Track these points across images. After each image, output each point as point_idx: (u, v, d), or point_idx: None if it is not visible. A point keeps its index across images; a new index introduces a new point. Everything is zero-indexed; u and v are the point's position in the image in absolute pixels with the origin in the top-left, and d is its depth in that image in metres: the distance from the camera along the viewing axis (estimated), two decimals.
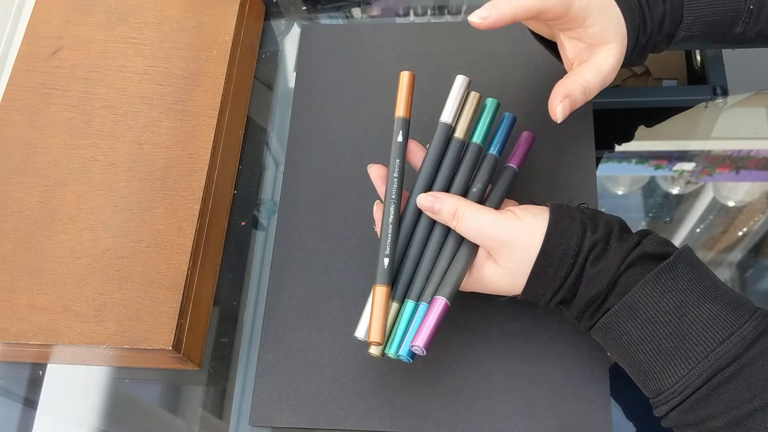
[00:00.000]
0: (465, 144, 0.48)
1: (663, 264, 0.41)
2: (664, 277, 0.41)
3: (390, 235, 0.45)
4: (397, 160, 0.46)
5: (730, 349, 0.39)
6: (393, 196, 0.45)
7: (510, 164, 0.48)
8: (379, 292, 0.44)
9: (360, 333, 0.45)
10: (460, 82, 0.48)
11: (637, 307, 0.41)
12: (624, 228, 0.44)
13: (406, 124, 0.48)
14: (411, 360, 0.44)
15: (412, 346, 0.43)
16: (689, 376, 0.39)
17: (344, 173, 0.58)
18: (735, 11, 0.47)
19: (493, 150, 0.48)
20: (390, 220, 0.45)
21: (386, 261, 0.44)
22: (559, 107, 0.46)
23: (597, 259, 0.42)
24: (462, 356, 0.50)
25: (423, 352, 0.43)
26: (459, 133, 0.47)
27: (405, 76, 0.48)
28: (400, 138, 0.47)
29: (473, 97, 0.48)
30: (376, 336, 0.43)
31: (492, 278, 0.45)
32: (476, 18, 0.44)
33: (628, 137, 0.61)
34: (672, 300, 0.40)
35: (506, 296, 0.46)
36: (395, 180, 0.46)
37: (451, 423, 0.48)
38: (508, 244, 0.43)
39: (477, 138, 0.48)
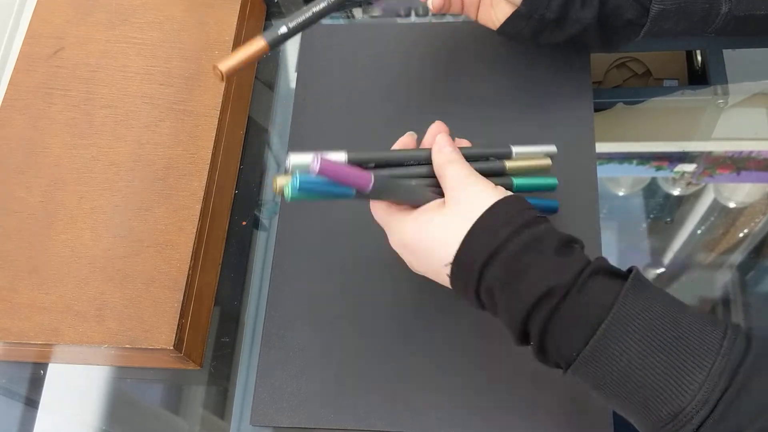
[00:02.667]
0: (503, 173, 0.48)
1: (634, 273, 0.37)
2: (643, 285, 0.37)
3: (304, 17, 0.48)
4: None
5: (740, 342, 0.35)
6: None
7: None
8: (257, 42, 0.46)
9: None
10: (548, 150, 0.49)
11: (631, 318, 0.36)
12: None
13: None
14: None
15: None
16: (710, 378, 0.34)
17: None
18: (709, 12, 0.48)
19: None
20: (315, 9, 0.48)
21: (283, 29, 0.47)
22: None
23: (537, 255, 0.38)
24: (462, 356, 0.50)
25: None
26: (508, 164, 0.48)
27: None
28: None
29: (545, 160, 0.49)
30: (224, 65, 0.45)
31: (437, 222, 0.41)
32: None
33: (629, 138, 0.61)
34: (661, 306, 0.36)
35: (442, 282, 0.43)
36: None
37: (451, 423, 0.48)
38: (465, 188, 0.42)
39: (516, 181, 0.48)
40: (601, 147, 0.57)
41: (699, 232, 0.56)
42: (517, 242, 0.39)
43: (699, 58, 0.62)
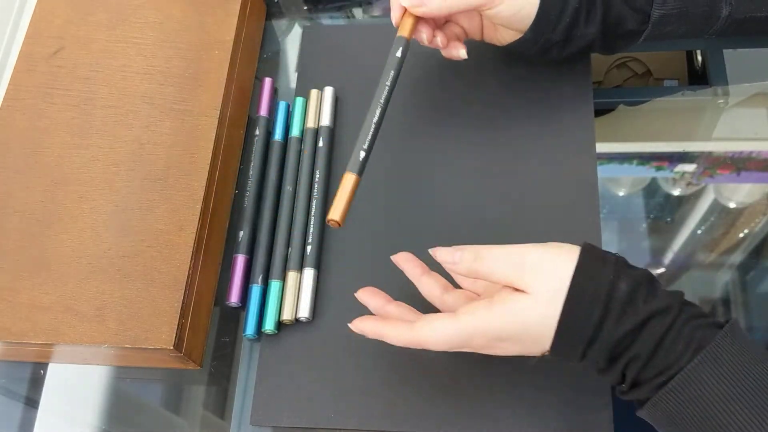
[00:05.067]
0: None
1: (733, 321, 0.38)
2: (740, 332, 0.37)
3: (371, 132, 0.47)
4: (392, 72, 0.49)
5: None
6: (381, 101, 0.48)
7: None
8: (349, 178, 0.46)
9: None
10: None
11: (722, 359, 0.36)
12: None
13: (406, 43, 0.50)
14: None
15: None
16: None
17: None
18: (709, 17, 0.48)
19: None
20: (374, 120, 0.48)
21: (362, 154, 0.47)
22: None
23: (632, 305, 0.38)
24: (462, 356, 0.50)
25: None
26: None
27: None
28: (399, 54, 0.50)
29: None
30: (335, 214, 0.45)
31: (523, 308, 0.39)
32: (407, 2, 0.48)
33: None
34: (753, 354, 0.37)
35: (536, 356, 0.42)
36: (386, 87, 0.49)
37: (451, 423, 0.48)
38: (533, 265, 0.39)
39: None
40: (602, 147, 0.57)
41: (699, 232, 0.56)
42: (613, 316, 0.38)
43: (699, 58, 0.62)
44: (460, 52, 0.52)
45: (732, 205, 0.58)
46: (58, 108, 0.57)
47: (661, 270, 0.55)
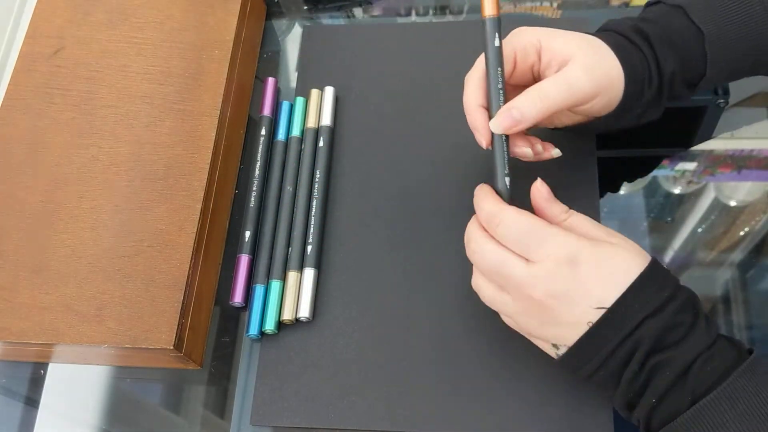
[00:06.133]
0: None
1: (755, 355, 0.38)
2: (762, 368, 0.38)
3: (505, 153, 0.44)
4: (498, 69, 0.43)
5: None
6: (501, 101, 0.43)
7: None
8: None
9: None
10: None
11: (739, 396, 0.37)
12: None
13: (498, 23, 0.43)
14: None
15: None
16: None
17: (346, 172, 0.58)
18: (756, 56, 0.47)
19: None
20: (503, 140, 0.44)
21: (507, 180, 0.44)
22: (496, 118, 0.43)
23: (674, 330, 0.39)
24: (462, 356, 0.50)
25: None
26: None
27: None
28: (497, 42, 0.43)
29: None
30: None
31: (617, 251, 0.40)
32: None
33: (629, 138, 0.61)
34: None
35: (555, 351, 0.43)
36: (500, 92, 0.43)
37: (452, 423, 0.48)
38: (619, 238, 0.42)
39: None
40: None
41: (700, 230, 0.56)
42: (675, 304, 0.39)
43: None
44: (554, 152, 0.48)
45: (733, 203, 0.57)
46: (58, 108, 0.57)
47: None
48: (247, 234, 0.55)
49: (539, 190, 0.44)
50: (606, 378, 0.40)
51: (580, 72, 0.43)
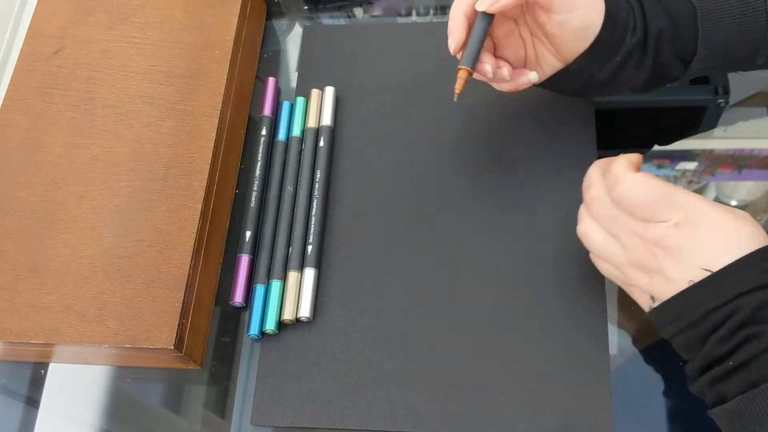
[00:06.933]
0: None
1: None
2: None
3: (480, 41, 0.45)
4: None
5: None
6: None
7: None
8: None
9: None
10: None
11: None
12: None
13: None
14: None
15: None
16: None
17: (346, 172, 0.58)
18: (753, 45, 0.47)
19: None
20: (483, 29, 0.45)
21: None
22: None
23: None
24: (462, 356, 0.50)
25: None
26: None
27: None
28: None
29: None
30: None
31: (739, 226, 0.40)
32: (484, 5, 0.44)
33: (630, 137, 0.60)
34: None
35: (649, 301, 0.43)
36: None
37: (452, 423, 0.48)
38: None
39: None
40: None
41: None
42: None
43: None
44: (531, 75, 0.48)
45: (733, 203, 0.57)
46: (59, 108, 0.57)
47: None
48: (248, 234, 0.55)
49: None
50: (691, 339, 0.41)
51: None
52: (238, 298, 0.53)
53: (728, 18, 0.46)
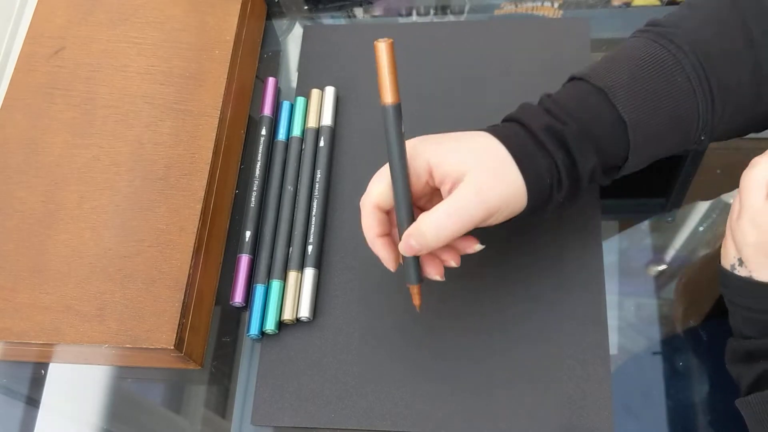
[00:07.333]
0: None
1: None
2: None
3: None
4: (401, 161, 0.42)
5: None
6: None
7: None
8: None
9: None
10: None
11: None
12: None
13: (399, 110, 0.40)
14: None
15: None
16: None
17: (346, 172, 0.58)
18: (684, 145, 0.46)
19: None
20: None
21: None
22: (401, 244, 0.43)
23: None
24: (462, 356, 0.50)
25: None
26: None
27: (383, 49, 0.37)
28: (402, 128, 0.40)
29: None
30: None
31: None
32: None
33: None
34: None
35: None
36: (405, 197, 0.42)
37: (452, 423, 0.48)
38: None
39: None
40: None
41: (701, 229, 0.56)
42: None
43: None
44: (475, 247, 0.45)
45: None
46: (59, 108, 0.57)
47: (663, 267, 0.55)
48: (248, 234, 0.55)
49: None
50: None
51: (471, 195, 0.41)
52: (239, 298, 0.53)
53: (658, 122, 0.44)
